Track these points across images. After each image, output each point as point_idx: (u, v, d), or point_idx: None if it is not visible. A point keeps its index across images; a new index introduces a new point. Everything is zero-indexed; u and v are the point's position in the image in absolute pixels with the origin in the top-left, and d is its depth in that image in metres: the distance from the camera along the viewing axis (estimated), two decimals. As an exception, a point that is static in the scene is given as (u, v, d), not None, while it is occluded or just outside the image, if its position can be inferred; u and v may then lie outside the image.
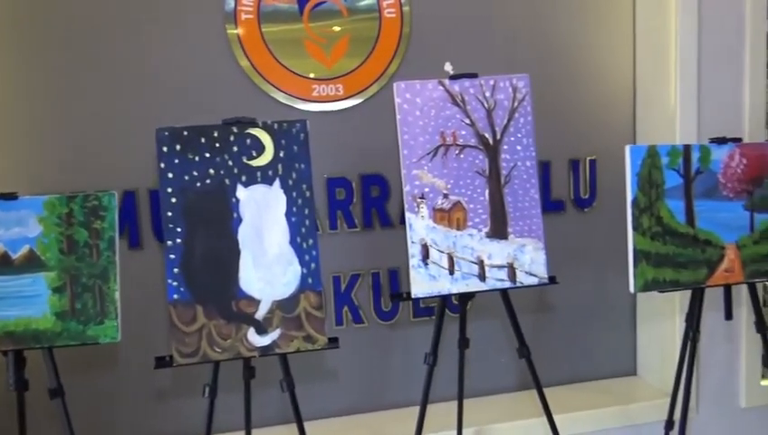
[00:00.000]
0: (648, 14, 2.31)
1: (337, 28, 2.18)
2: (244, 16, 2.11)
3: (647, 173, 1.63)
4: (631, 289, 1.64)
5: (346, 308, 2.27)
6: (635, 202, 1.63)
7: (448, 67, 2.32)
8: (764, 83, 2.23)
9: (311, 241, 1.59)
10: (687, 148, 1.67)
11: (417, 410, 1.83)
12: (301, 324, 1.58)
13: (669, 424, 1.99)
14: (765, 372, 2.47)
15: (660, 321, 2.36)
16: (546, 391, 2.41)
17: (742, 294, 2.31)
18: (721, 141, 1.69)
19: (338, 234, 2.24)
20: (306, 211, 1.59)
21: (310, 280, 1.59)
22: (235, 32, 2.10)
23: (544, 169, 2.36)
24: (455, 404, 1.99)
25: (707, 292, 1.78)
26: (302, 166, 1.60)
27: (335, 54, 2.20)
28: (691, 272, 1.67)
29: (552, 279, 1.74)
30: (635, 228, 1.63)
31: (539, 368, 2.43)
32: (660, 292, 1.66)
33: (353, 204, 2.24)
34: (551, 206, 2.38)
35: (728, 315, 1.77)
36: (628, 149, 1.64)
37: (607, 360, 2.49)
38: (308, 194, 1.60)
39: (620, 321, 2.48)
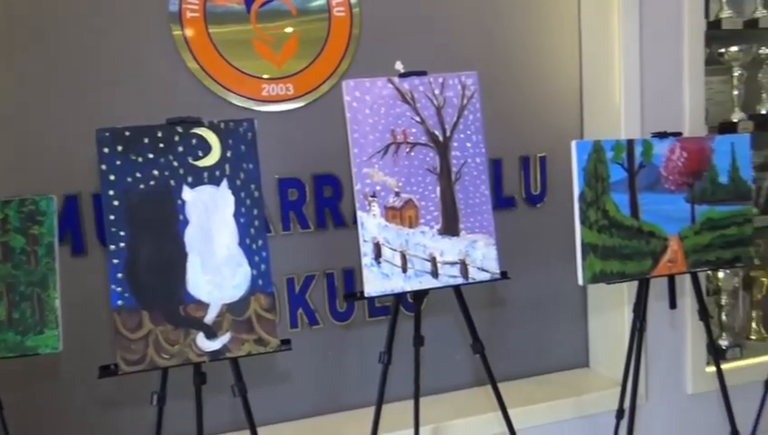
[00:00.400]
0: (591, 15, 2.36)
1: (287, 29, 2.15)
2: (189, 15, 2.06)
3: (592, 168, 1.67)
4: (580, 281, 1.67)
5: (301, 310, 2.24)
6: (582, 196, 1.67)
7: (399, 66, 2.32)
8: (703, 80, 2.31)
9: (260, 242, 1.56)
10: (631, 142, 1.71)
11: (373, 410, 1.82)
12: (251, 327, 1.55)
13: (620, 413, 2.04)
14: (710, 359, 2.56)
15: (610, 312, 2.42)
16: (501, 385, 2.43)
17: (686, 284, 2.39)
18: (662, 136, 1.74)
19: (291, 235, 2.21)
20: (255, 212, 1.56)
21: (260, 281, 1.56)
22: (181, 33, 2.06)
23: (496, 167, 2.39)
24: (412, 403, 1.98)
25: (655, 282, 1.83)
26: (251, 166, 1.57)
27: (285, 54, 2.17)
28: (636, 263, 1.71)
29: (503, 274, 1.75)
30: (582, 222, 1.66)
31: (494, 363, 2.46)
32: (608, 283, 1.70)
33: (306, 204, 2.22)
34: (502, 202, 2.41)
35: (672, 304, 1.82)
36: (574, 144, 1.67)
37: (560, 353, 2.53)
38: (257, 194, 1.57)
39: (572, 313, 2.53)
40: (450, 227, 1.73)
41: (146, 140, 1.52)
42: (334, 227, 2.24)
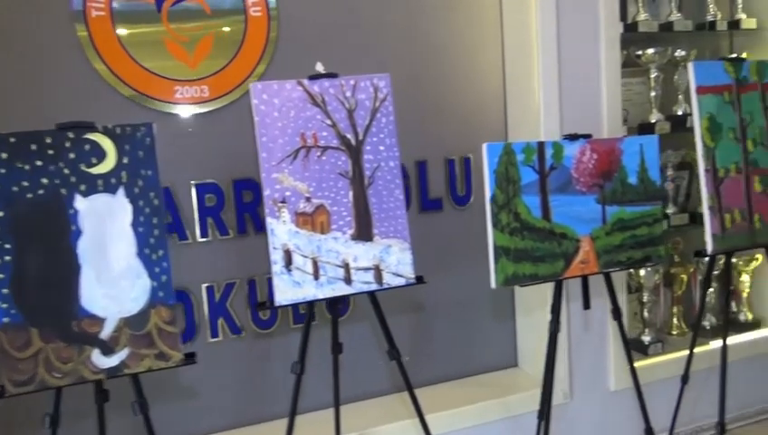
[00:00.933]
0: (512, 17, 2.37)
1: (202, 29, 2.08)
2: (94, 13, 1.97)
3: (503, 170, 1.66)
4: (492, 284, 1.67)
5: (222, 319, 2.17)
6: (493, 199, 1.66)
7: (320, 67, 2.28)
8: (620, 83, 2.35)
9: (161, 252, 1.49)
10: (541, 144, 1.72)
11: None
12: (152, 341, 1.48)
13: (541, 413, 2.05)
14: (635, 355, 2.62)
15: (537, 312, 2.44)
16: (430, 388, 2.46)
17: (614, 283, 2.43)
18: (573, 138, 1.75)
19: (210, 242, 2.14)
20: (155, 220, 1.50)
21: (161, 293, 1.49)
22: (86, 33, 1.96)
23: (421, 168, 2.37)
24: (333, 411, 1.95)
25: (577, 281, 1.84)
26: (149, 172, 1.50)
27: (199, 55, 2.10)
28: (549, 265, 1.72)
29: (419, 279, 1.73)
30: (494, 225, 1.66)
31: (424, 366, 2.47)
32: (521, 286, 1.70)
33: (225, 210, 2.15)
34: (429, 204, 2.40)
35: (586, 305, 1.84)
36: (484, 147, 1.66)
37: (489, 353, 2.54)
38: (156, 202, 1.50)
39: (501, 313, 2.54)
40: (363, 233, 1.70)
41: (33, 147, 1.43)
42: (255, 232, 2.18)
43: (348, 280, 1.68)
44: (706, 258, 1.92)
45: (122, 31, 2.00)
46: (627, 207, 1.81)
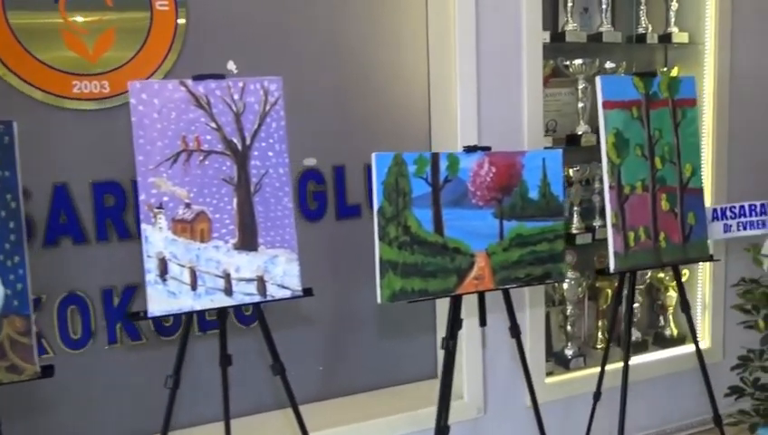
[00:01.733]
0: (436, 19, 2.31)
1: (101, 20, 1.99)
2: (-17, 0, 1.86)
3: (393, 181, 1.60)
4: (378, 300, 1.61)
5: (120, 324, 2.08)
6: (381, 211, 1.60)
7: (231, 66, 2.21)
8: (541, 93, 2.31)
9: (17, 258, 1.41)
10: (435, 156, 1.66)
11: (199, 429, 1.71)
12: (4, 353, 1.39)
13: (437, 432, 2.00)
14: (557, 368, 2.59)
15: (471, 323, 2.37)
16: (346, 399, 2.40)
17: (525, 295, 2.39)
18: (472, 149, 1.70)
19: (108, 244, 2.05)
20: (12, 224, 1.41)
21: (15, 303, 1.40)
22: (-27, 18, 1.86)
23: (338, 174, 2.31)
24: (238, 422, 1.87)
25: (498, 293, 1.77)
26: (7, 173, 1.41)
27: (99, 48, 2.00)
28: (440, 281, 1.67)
29: (306, 291, 1.67)
30: (381, 238, 1.60)
31: (342, 376, 2.41)
32: (409, 302, 1.64)
33: (126, 210, 2.06)
34: (346, 211, 2.34)
35: (482, 322, 1.79)
36: (373, 156, 1.60)
37: (411, 364, 2.48)
38: (13, 205, 1.41)
39: (423, 324, 2.48)
40: (247, 242, 1.62)
41: None
42: (157, 235, 2.08)
43: (228, 291, 1.61)
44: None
45: (15, 18, 1.90)
46: (527, 223, 1.76)
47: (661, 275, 2.77)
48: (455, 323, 1.74)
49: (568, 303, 2.62)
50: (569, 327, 2.62)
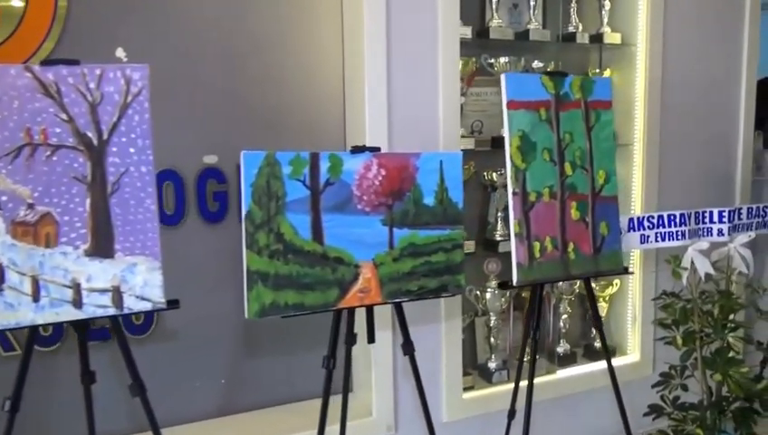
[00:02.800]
0: (350, 14, 2.16)
1: (-32, -2, 1.80)
2: None
3: (264, 183, 1.45)
4: (246, 314, 1.45)
5: (-13, 334, 1.89)
6: (249, 216, 1.44)
7: (120, 53, 2.03)
8: (458, 92, 2.17)
9: None
10: (314, 156, 1.51)
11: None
12: None
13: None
14: (481, 382, 2.46)
15: (383, 336, 2.23)
16: (253, 413, 2.23)
17: (440, 307, 2.26)
18: (360, 150, 1.55)
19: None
20: None
21: None
22: None
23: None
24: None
25: (415, 305, 1.62)
26: None
27: (-35, 29, 1.81)
28: (319, 294, 1.51)
29: (171, 303, 1.50)
30: (249, 246, 1.44)
31: (251, 390, 2.24)
32: (282, 317, 1.49)
33: (-4, 210, 1.87)
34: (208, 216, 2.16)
35: (370, 338, 1.65)
36: (242, 155, 1.44)
37: (317, 379, 2.33)
38: None
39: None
40: (101, 248, 1.45)
41: None
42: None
43: (77, 303, 1.43)
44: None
45: None
46: (420, 231, 1.62)
47: (592, 284, 2.66)
48: (336, 339, 1.59)
49: (491, 313, 2.49)
50: (492, 339, 2.50)
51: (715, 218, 2.04)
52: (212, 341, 2.15)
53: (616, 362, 2.69)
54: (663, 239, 1.97)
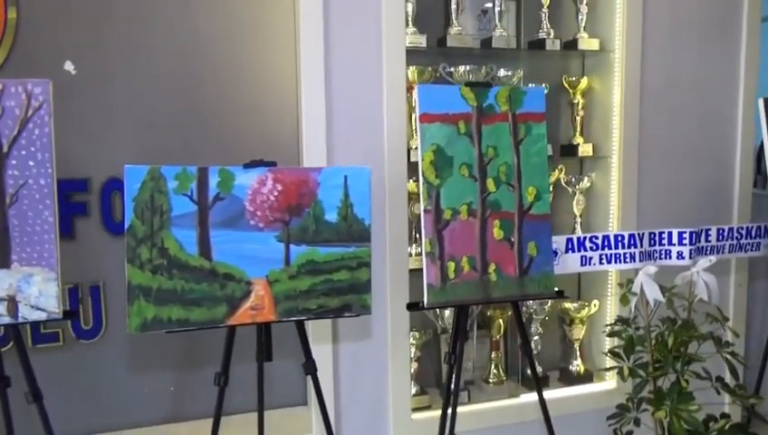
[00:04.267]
0: (305, 29, 2.12)
1: None
2: None
3: (147, 198, 1.44)
4: (127, 329, 1.45)
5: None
6: (131, 230, 1.44)
7: (69, 66, 2.10)
8: (404, 104, 2.10)
9: None
10: (203, 171, 1.49)
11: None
12: None
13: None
14: (435, 401, 2.37)
15: (326, 347, 2.18)
16: (193, 423, 2.24)
17: (387, 324, 2.19)
18: (254, 165, 1.52)
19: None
20: None
21: None
22: None
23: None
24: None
25: (363, 321, 1.57)
26: None
27: None
28: (206, 310, 1.49)
29: (67, 314, 1.53)
30: (130, 261, 1.44)
31: (197, 398, 2.25)
32: (167, 332, 1.48)
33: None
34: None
35: (267, 356, 1.61)
36: (126, 169, 1.44)
37: (281, 389, 2.31)
38: None
39: (295, 349, 2.30)
40: (-2, 258, 1.49)
41: None
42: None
43: (-28, 311, 1.48)
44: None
45: None
46: (320, 248, 1.57)
47: (567, 305, 2.52)
48: (229, 355, 1.57)
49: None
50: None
51: (674, 240, 1.88)
52: (159, 347, 2.17)
53: (592, 387, 2.54)
54: (609, 262, 1.82)
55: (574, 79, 2.45)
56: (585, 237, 1.80)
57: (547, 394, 2.48)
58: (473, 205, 1.66)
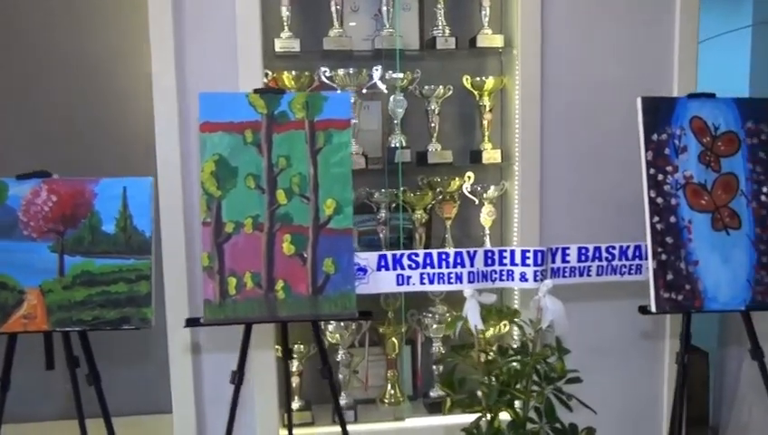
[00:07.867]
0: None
1: None
2: None
3: None
4: None
5: None
6: None
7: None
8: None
9: None
10: (-26, 183, 1.54)
11: None
12: None
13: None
14: (321, 417, 2.28)
15: (188, 355, 2.19)
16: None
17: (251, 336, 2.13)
18: (26, 176, 1.55)
19: None
20: None
21: None
22: None
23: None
24: None
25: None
26: None
27: None
28: (-21, 316, 1.54)
29: None
30: None
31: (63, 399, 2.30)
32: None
33: None
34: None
35: (48, 365, 1.62)
36: None
37: (145, 395, 2.35)
38: None
39: (158, 355, 2.33)
40: None
41: None
42: None
43: None
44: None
45: None
46: (96, 259, 1.56)
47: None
48: (11, 361, 1.60)
49: (341, 348, 2.29)
50: (340, 375, 2.30)
51: (518, 259, 1.66)
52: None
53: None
54: (432, 282, 1.65)
55: (478, 80, 2.25)
56: (402, 254, 1.64)
57: (434, 419, 2.30)
58: (259, 218, 1.58)
